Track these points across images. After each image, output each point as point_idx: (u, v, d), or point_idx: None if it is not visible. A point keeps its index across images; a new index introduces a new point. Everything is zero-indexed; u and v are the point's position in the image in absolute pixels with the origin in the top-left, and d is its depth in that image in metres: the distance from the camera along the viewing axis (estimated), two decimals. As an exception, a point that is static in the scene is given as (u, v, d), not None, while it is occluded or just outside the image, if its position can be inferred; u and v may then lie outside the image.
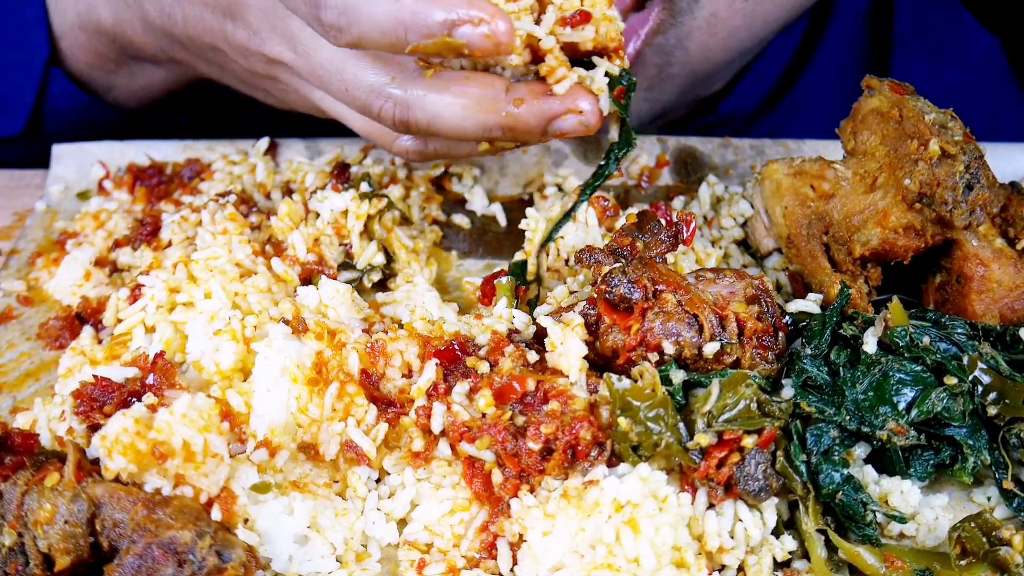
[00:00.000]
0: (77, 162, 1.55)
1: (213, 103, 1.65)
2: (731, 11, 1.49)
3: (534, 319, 1.19)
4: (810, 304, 1.19)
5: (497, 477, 1.07)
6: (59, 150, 1.56)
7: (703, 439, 1.03)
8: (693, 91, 1.65)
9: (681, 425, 1.05)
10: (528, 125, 1.17)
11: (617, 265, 1.14)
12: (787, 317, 1.18)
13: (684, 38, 1.51)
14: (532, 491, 1.05)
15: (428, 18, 1.06)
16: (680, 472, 1.06)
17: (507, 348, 1.12)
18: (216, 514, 1.02)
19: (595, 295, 1.14)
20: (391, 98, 1.17)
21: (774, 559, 1.05)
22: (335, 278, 1.30)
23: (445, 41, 1.07)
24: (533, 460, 1.04)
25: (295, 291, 1.26)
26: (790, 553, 1.06)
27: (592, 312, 1.13)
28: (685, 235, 1.22)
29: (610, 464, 1.05)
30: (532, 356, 1.12)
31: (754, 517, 1.05)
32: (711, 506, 1.05)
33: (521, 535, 1.04)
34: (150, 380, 1.12)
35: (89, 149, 1.56)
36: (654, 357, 1.10)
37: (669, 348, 1.09)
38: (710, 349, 1.09)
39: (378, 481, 1.14)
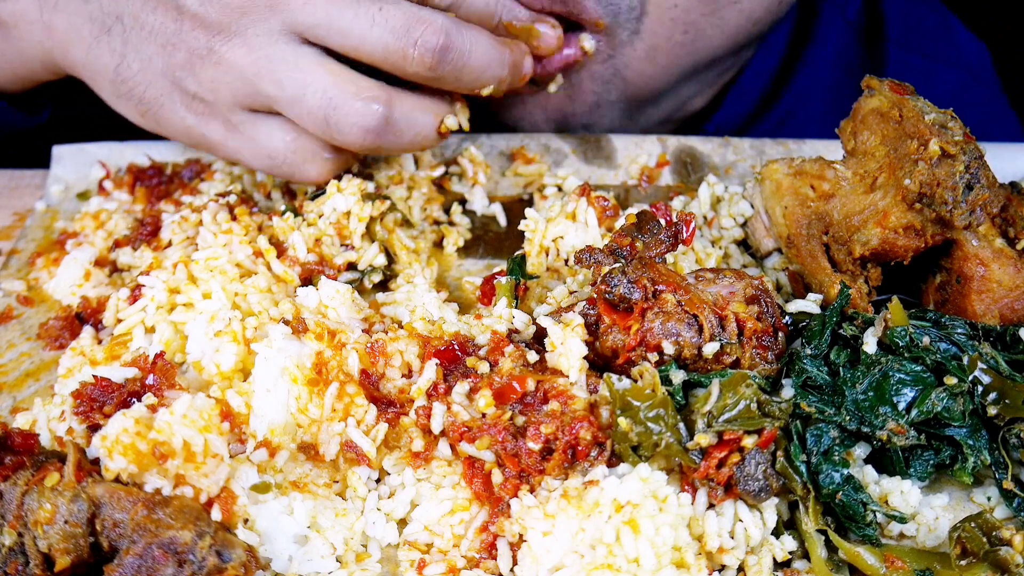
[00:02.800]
0: (77, 163, 1.55)
1: (85, 100, 1.52)
2: (671, 43, 1.50)
3: (534, 319, 1.19)
4: (810, 304, 1.19)
5: (497, 477, 1.06)
6: (59, 151, 1.56)
7: (703, 439, 1.03)
8: (638, 114, 1.66)
9: (681, 425, 1.05)
10: (522, 64, 1.34)
11: (617, 265, 1.14)
12: (787, 317, 1.18)
13: (622, 68, 1.52)
14: (532, 491, 1.05)
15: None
16: (680, 472, 1.06)
17: (507, 348, 1.12)
18: (216, 514, 1.02)
19: (595, 295, 1.14)
20: (432, 24, 1.21)
21: (774, 559, 1.05)
22: (335, 278, 1.30)
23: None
24: (533, 460, 1.04)
25: (295, 291, 1.26)
26: (790, 553, 1.05)
27: (592, 312, 1.13)
28: (685, 235, 1.22)
29: (610, 464, 1.05)
30: (532, 356, 1.12)
31: (754, 517, 1.05)
32: (711, 506, 1.05)
33: (521, 535, 1.04)
34: (150, 380, 1.12)
35: (89, 150, 1.56)
36: (654, 357, 1.10)
37: (669, 348, 1.09)
38: (710, 349, 1.09)
39: (378, 481, 1.14)
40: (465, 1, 1.29)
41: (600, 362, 1.14)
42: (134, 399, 1.10)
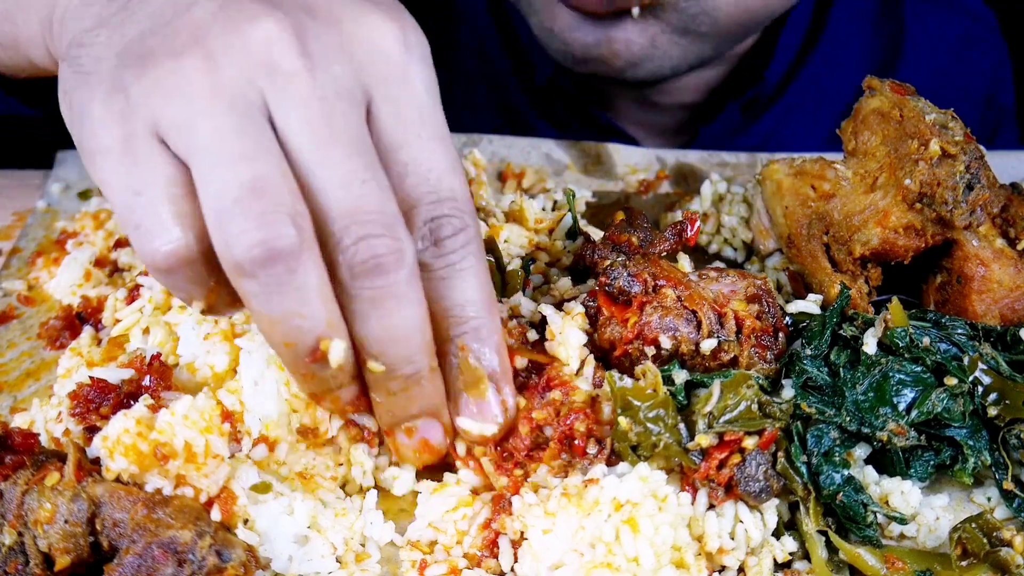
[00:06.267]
0: (79, 165, 1.55)
1: None
2: None
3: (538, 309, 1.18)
4: (810, 305, 1.19)
5: (488, 465, 1.06)
6: (63, 156, 1.57)
7: (704, 440, 1.03)
8: (726, 45, 1.71)
9: (682, 426, 1.05)
10: (431, 399, 1.02)
11: (619, 259, 1.14)
12: (787, 318, 1.18)
13: (710, 9, 1.56)
14: (534, 490, 1.05)
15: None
16: (680, 472, 1.05)
17: (510, 323, 1.11)
18: (216, 514, 1.02)
19: (596, 287, 1.14)
20: (279, 213, 0.88)
21: (775, 560, 1.04)
22: None
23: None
24: (519, 444, 1.04)
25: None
26: (791, 554, 1.05)
27: (592, 304, 1.13)
28: (689, 233, 1.22)
29: (610, 463, 1.05)
30: (533, 335, 1.12)
31: (755, 518, 1.04)
32: (711, 507, 1.05)
33: (522, 533, 1.04)
34: (146, 382, 1.12)
35: None
36: (651, 351, 1.10)
37: (666, 342, 1.09)
38: (707, 346, 1.09)
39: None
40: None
41: (598, 354, 1.13)
42: (131, 400, 1.10)
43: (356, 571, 1.06)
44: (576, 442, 1.04)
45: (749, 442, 1.03)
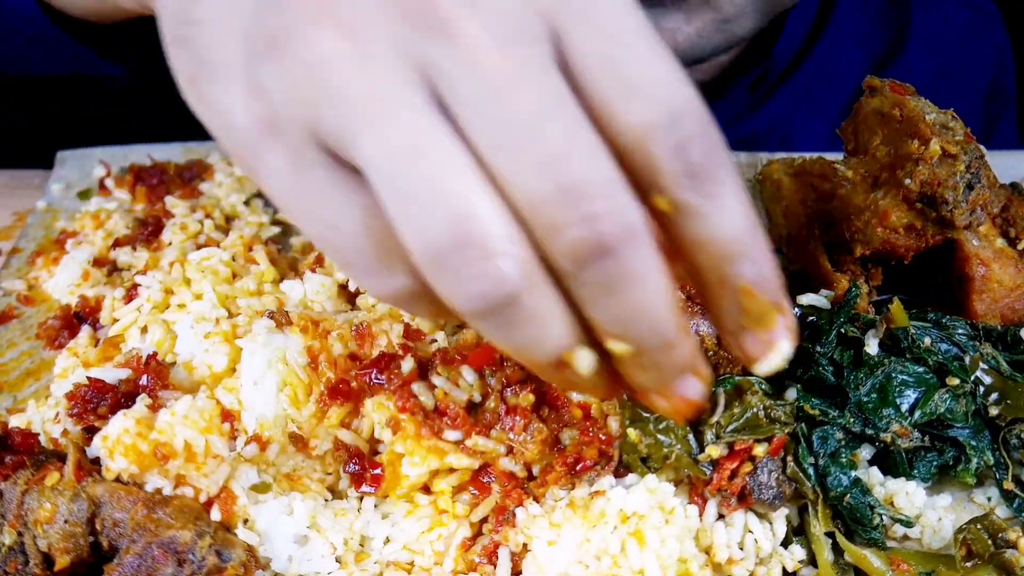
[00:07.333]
0: (80, 165, 1.55)
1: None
2: None
3: None
4: (820, 299, 1.19)
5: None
6: (63, 155, 1.56)
7: (714, 451, 1.02)
8: (762, 21, 1.64)
9: (691, 437, 1.04)
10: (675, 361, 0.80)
11: None
12: (796, 309, 1.17)
13: None
14: (538, 501, 1.04)
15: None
16: (689, 484, 1.04)
17: None
18: (216, 514, 1.02)
19: None
20: (611, 203, 0.72)
21: (783, 569, 1.03)
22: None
23: None
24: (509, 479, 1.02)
25: (277, 283, 1.25)
26: (800, 562, 1.04)
27: None
28: None
29: (618, 474, 1.04)
30: None
31: (764, 528, 1.04)
32: (720, 517, 1.04)
33: (525, 544, 1.02)
34: (143, 381, 1.11)
35: (93, 154, 1.56)
36: None
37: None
38: None
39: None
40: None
41: None
42: (129, 400, 1.10)
43: (356, 571, 1.05)
44: (586, 462, 1.02)
45: (759, 450, 1.02)
